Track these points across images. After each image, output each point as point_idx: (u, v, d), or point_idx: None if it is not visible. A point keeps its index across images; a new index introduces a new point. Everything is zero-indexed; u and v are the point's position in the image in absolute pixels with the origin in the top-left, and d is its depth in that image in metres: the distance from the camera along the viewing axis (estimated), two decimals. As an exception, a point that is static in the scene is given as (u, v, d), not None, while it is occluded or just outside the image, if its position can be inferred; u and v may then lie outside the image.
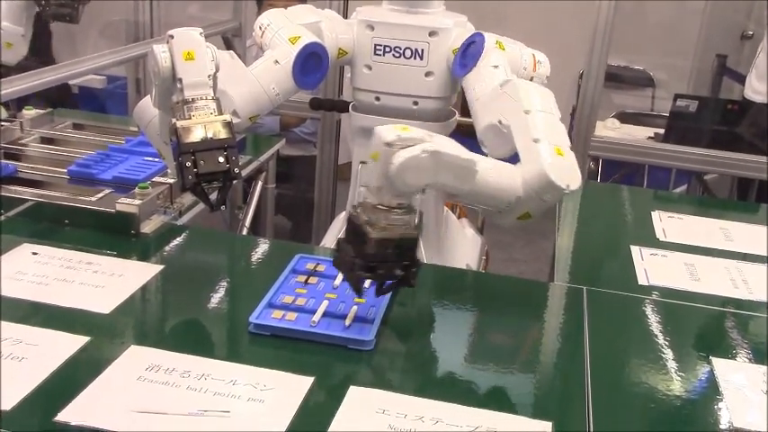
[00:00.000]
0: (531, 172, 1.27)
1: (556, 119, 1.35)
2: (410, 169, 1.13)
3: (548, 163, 1.26)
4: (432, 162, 1.15)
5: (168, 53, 1.27)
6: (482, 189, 1.26)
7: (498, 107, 1.36)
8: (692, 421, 1.12)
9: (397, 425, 1.02)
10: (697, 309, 1.45)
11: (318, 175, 3.00)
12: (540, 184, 1.26)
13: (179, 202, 1.71)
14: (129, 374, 1.10)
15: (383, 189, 1.16)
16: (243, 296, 1.40)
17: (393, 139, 1.14)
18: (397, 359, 1.23)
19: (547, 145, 1.29)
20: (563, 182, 1.25)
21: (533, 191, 1.27)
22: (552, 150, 1.28)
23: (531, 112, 1.31)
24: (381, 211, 1.16)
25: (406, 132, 1.15)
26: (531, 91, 1.36)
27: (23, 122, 2.06)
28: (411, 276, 1.18)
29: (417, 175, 1.14)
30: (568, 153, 1.30)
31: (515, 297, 1.48)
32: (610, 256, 1.71)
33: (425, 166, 1.14)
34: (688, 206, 2.15)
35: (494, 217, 1.36)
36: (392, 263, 1.16)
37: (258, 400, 1.05)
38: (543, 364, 1.24)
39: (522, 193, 1.27)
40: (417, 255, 1.18)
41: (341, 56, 1.58)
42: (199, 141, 1.23)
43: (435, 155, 1.15)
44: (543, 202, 1.29)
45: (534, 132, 1.29)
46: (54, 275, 1.36)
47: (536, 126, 1.30)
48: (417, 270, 1.19)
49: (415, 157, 1.13)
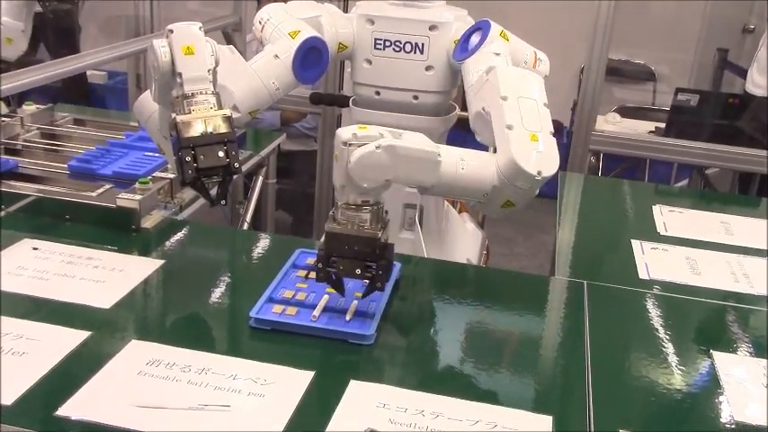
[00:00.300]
0: (503, 160, 1.25)
1: (537, 104, 1.31)
2: (366, 166, 1.15)
3: (517, 150, 1.24)
4: (387, 157, 1.16)
5: (168, 48, 1.27)
6: (453, 181, 1.25)
7: (482, 95, 1.35)
8: (692, 415, 1.12)
9: (397, 419, 1.03)
10: (698, 303, 1.45)
11: (319, 169, 3.00)
12: (511, 172, 1.24)
13: (179, 197, 1.71)
14: (129, 369, 1.10)
15: (346, 188, 1.18)
16: (243, 291, 1.40)
17: (348, 138, 1.16)
18: (398, 354, 1.23)
19: (520, 131, 1.26)
20: (533, 169, 1.23)
21: (506, 178, 1.25)
22: (525, 137, 1.26)
23: (507, 98, 1.29)
24: (345, 209, 1.19)
25: (362, 131, 1.17)
26: (511, 77, 1.33)
27: (24, 118, 2.06)
28: (377, 279, 1.20)
29: (375, 170, 1.16)
30: (546, 139, 1.27)
31: (516, 291, 1.48)
32: (610, 251, 1.71)
33: (382, 162, 1.16)
34: (689, 200, 2.15)
35: (478, 207, 1.36)
36: (350, 260, 1.19)
37: (259, 395, 1.06)
38: (544, 358, 1.24)
39: (498, 181, 1.26)
40: (382, 257, 1.19)
41: (341, 50, 1.58)
42: (199, 136, 1.23)
43: (390, 149, 1.16)
44: (519, 189, 1.27)
45: (508, 119, 1.27)
46: (55, 270, 1.36)
47: (510, 112, 1.27)
48: (385, 273, 1.20)
49: (369, 153, 1.15)
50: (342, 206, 1.19)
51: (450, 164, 1.24)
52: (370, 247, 1.18)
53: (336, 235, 1.19)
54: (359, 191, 1.18)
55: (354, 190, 1.18)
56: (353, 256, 1.19)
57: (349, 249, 1.18)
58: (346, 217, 1.19)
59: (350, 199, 1.18)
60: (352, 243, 1.18)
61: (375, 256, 1.19)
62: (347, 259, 1.19)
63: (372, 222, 1.19)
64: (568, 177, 2.21)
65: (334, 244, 1.19)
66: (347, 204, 1.19)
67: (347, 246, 1.18)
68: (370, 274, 1.20)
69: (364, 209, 1.19)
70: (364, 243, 1.18)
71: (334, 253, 1.19)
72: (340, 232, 1.18)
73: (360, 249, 1.18)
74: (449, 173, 1.24)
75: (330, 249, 1.19)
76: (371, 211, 1.19)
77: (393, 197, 1.65)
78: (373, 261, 1.19)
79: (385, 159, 1.16)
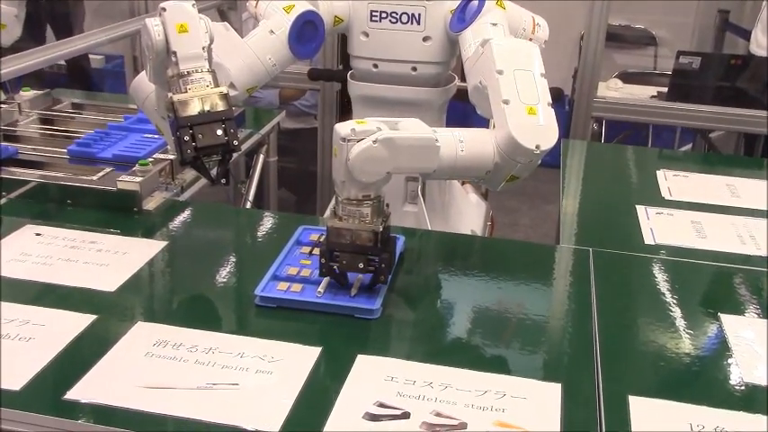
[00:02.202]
0: (501, 136, 1.24)
1: (533, 75, 1.29)
2: (366, 160, 1.15)
3: (514, 125, 1.23)
4: (385, 149, 1.15)
5: (161, 26, 1.25)
6: (454, 163, 1.24)
7: (479, 68, 1.33)
8: (702, 378, 1.11)
9: (405, 391, 1.02)
10: (704, 266, 1.44)
11: (320, 146, 2.99)
12: (510, 148, 1.23)
13: (180, 178, 1.70)
14: (136, 351, 1.10)
15: (347, 183, 1.17)
16: (248, 269, 1.39)
17: (347, 134, 1.15)
18: (404, 327, 1.23)
19: (516, 105, 1.25)
20: (531, 143, 1.22)
21: (506, 154, 1.24)
22: (522, 110, 1.24)
23: (503, 72, 1.27)
24: (346, 204, 1.19)
25: (360, 126, 1.16)
26: (506, 49, 1.31)
27: (21, 104, 2.05)
28: (381, 272, 1.20)
29: (374, 164, 1.16)
30: (544, 111, 1.25)
31: (521, 261, 1.47)
32: (615, 217, 1.70)
33: (380, 155, 1.15)
34: (693, 164, 2.13)
35: (481, 183, 1.35)
36: (353, 254, 1.19)
37: (266, 372, 1.05)
38: (551, 326, 1.24)
39: (499, 158, 1.25)
40: (383, 249, 1.19)
41: (337, 23, 1.56)
42: (196, 115, 1.22)
43: (387, 142, 1.15)
44: (520, 164, 1.26)
45: (504, 93, 1.25)
46: (58, 255, 1.36)
47: (507, 86, 1.26)
48: (387, 266, 1.20)
49: (367, 148, 1.14)
50: (343, 201, 1.19)
51: (450, 147, 1.23)
52: (372, 241, 1.18)
53: (338, 230, 1.18)
54: (360, 186, 1.17)
55: (355, 185, 1.17)
56: (356, 250, 1.19)
57: (351, 244, 1.18)
58: (347, 212, 1.19)
59: (351, 194, 1.18)
60: (354, 238, 1.18)
61: (377, 250, 1.19)
62: (350, 254, 1.19)
63: (374, 216, 1.19)
64: (571, 145, 2.20)
65: (336, 239, 1.19)
66: (348, 199, 1.19)
67: (349, 240, 1.18)
68: (372, 268, 1.20)
69: (365, 203, 1.18)
70: (366, 237, 1.18)
71: (337, 248, 1.19)
72: (342, 227, 1.18)
73: (362, 244, 1.18)
74: (449, 156, 1.23)
75: (332, 244, 1.19)
76: (372, 206, 1.19)
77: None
78: (375, 255, 1.19)
79: (384, 152, 1.15)
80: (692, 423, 0.99)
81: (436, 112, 1.64)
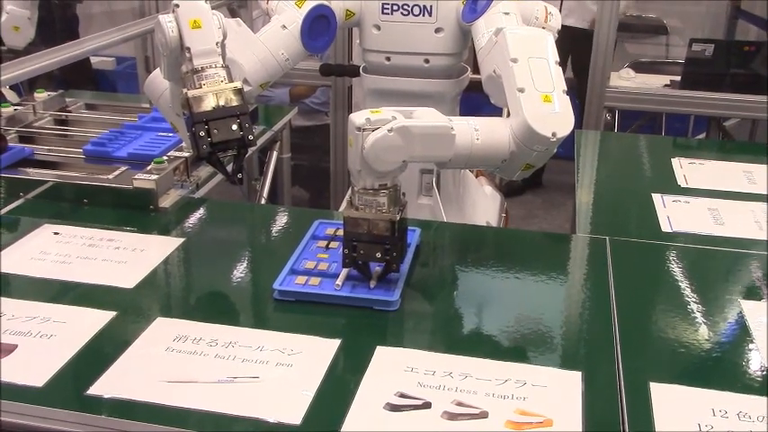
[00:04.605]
0: (516, 124, 1.24)
1: (548, 63, 1.28)
2: (381, 149, 1.15)
3: (530, 113, 1.22)
4: (401, 138, 1.15)
5: (175, 23, 1.26)
6: (470, 152, 1.24)
7: (492, 57, 1.33)
8: (723, 364, 1.11)
9: (425, 382, 1.02)
10: (723, 252, 1.43)
11: (333, 142, 2.99)
12: (526, 136, 1.23)
13: (195, 176, 1.71)
14: (157, 346, 1.10)
15: (362, 172, 1.17)
16: (265, 264, 1.40)
17: (362, 123, 1.15)
18: (423, 318, 1.23)
19: (531, 93, 1.24)
20: (547, 131, 1.21)
21: (522, 143, 1.24)
22: (537, 98, 1.24)
23: (518, 60, 1.26)
24: (362, 193, 1.19)
25: (375, 115, 1.16)
26: (520, 37, 1.30)
27: (36, 105, 2.06)
28: (393, 260, 1.20)
29: (390, 153, 1.16)
30: (559, 98, 1.25)
31: (538, 251, 1.47)
32: (631, 206, 1.69)
33: (396, 144, 1.15)
34: (708, 152, 2.12)
35: (498, 172, 1.34)
36: (369, 244, 1.19)
37: (287, 365, 1.06)
38: (570, 314, 1.23)
39: (515, 146, 1.25)
40: (398, 238, 1.19)
41: (348, 17, 1.56)
42: (211, 110, 1.22)
43: (402, 130, 1.15)
44: (536, 152, 1.25)
45: (519, 81, 1.25)
46: (77, 254, 1.37)
47: (521, 75, 1.25)
48: (399, 255, 1.21)
49: (382, 137, 1.14)
50: (359, 191, 1.19)
51: (465, 136, 1.23)
52: (390, 230, 1.18)
53: (355, 220, 1.19)
54: (376, 175, 1.17)
55: (371, 174, 1.17)
56: (373, 240, 1.19)
57: (368, 233, 1.18)
58: (364, 201, 1.19)
59: (367, 183, 1.18)
60: (372, 227, 1.18)
61: (394, 239, 1.19)
62: (367, 243, 1.19)
63: (390, 205, 1.19)
64: (584, 135, 2.19)
65: (353, 229, 1.19)
66: (364, 189, 1.19)
67: (366, 230, 1.18)
68: (389, 257, 1.20)
69: (381, 192, 1.18)
70: (383, 227, 1.18)
71: (354, 237, 1.19)
72: (358, 217, 1.18)
73: (379, 233, 1.18)
74: (464, 145, 1.23)
75: (349, 234, 1.19)
76: (388, 195, 1.19)
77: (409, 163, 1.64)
78: (393, 244, 1.19)
79: (399, 141, 1.15)
80: (714, 408, 0.98)
81: (449, 103, 1.64)
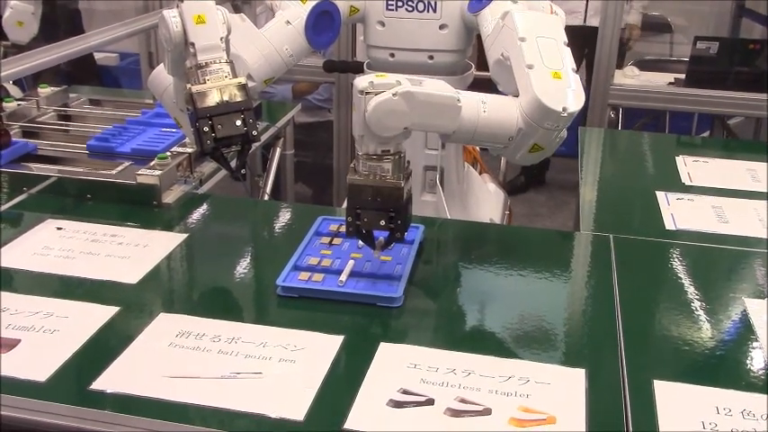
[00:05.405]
0: (526, 100, 1.22)
1: (557, 43, 1.27)
2: (384, 113, 1.13)
3: (540, 88, 1.20)
4: (405, 103, 1.14)
5: (179, 18, 1.25)
6: (475, 125, 1.22)
7: (500, 41, 1.32)
8: (727, 362, 1.10)
9: (429, 378, 1.02)
10: (727, 251, 1.43)
11: (336, 138, 2.99)
12: (536, 111, 1.21)
13: (199, 172, 1.70)
14: (160, 341, 1.10)
15: (365, 137, 1.16)
16: (268, 260, 1.40)
17: (365, 87, 1.14)
18: (426, 315, 1.23)
19: (541, 69, 1.22)
20: (558, 105, 1.19)
21: (532, 120, 1.22)
22: (547, 74, 1.22)
23: (526, 39, 1.25)
24: (366, 159, 1.17)
25: (379, 79, 1.15)
26: (528, 18, 1.30)
27: (39, 100, 2.06)
28: (397, 228, 1.18)
29: (392, 118, 1.14)
30: (569, 75, 1.23)
31: (542, 248, 1.47)
32: (635, 203, 1.69)
33: (399, 109, 1.14)
34: (712, 150, 2.11)
35: (505, 153, 1.32)
36: (374, 211, 1.17)
37: (290, 361, 1.06)
38: (573, 312, 1.23)
39: (523, 124, 1.23)
40: (404, 206, 1.18)
41: (353, 13, 1.56)
42: (215, 105, 1.22)
43: (407, 96, 1.14)
44: (546, 130, 1.23)
45: (528, 59, 1.23)
46: (80, 249, 1.37)
47: (530, 52, 1.24)
48: (405, 222, 1.18)
49: (386, 101, 1.13)
50: (362, 157, 1.17)
51: (472, 109, 1.21)
52: (394, 196, 1.16)
53: (359, 186, 1.17)
54: (378, 140, 1.16)
55: (373, 139, 1.16)
56: (377, 207, 1.17)
57: (372, 200, 1.16)
58: (368, 167, 1.17)
59: (369, 149, 1.16)
60: (375, 194, 1.16)
61: (399, 206, 1.17)
62: (371, 211, 1.17)
63: (394, 172, 1.17)
64: (588, 133, 2.18)
65: (357, 195, 1.17)
66: (368, 155, 1.17)
67: (370, 197, 1.16)
68: (394, 225, 1.18)
69: (385, 158, 1.16)
70: (387, 193, 1.16)
71: (358, 204, 1.17)
72: (362, 183, 1.16)
73: (383, 200, 1.16)
74: (470, 118, 1.21)
75: (353, 201, 1.17)
76: (393, 161, 1.17)
77: (413, 159, 1.63)
78: (398, 210, 1.17)
79: (402, 106, 1.14)
80: (718, 407, 0.98)
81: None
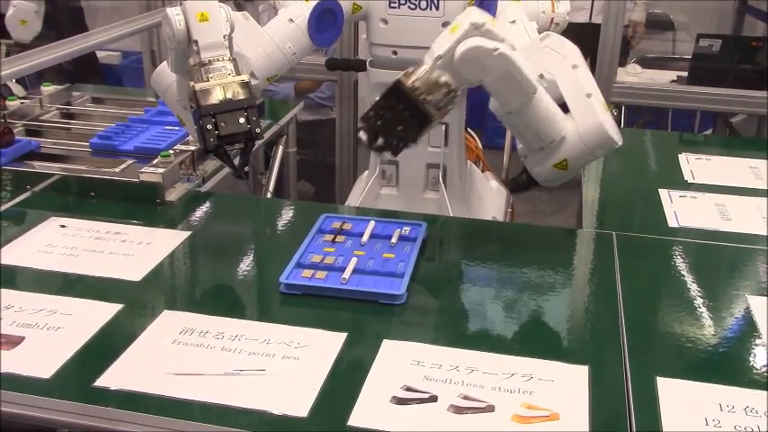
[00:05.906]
0: (588, 125, 1.28)
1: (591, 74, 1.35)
2: (474, 58, 1.15)
3: (606, 119, 1.28)
4: (496, 63, 1.16)
5: (182, 16, 1.25)
6: (532, 113, 1.26)
7: (540, 61, 1.34)
8: (730, 359, 1.10)
9: (432, 375, 1.02)
10: (730, 248, 1.43)
11: (338, 136, 2.98)
12: (596, 138, 1.28)
13: (202, 169, 1.71)
14: (163, 338, 1.10)
15: (442, 61, 1.17)
16: (271, 258, 1.40)
17: (480, 22, 1.15)
18: (429, 312, 1.23)
19: (599, 100, 1.30)
20: (618, 137, 1.29)
21: (584, 143, 1.28)
22: (602, 105, 1.30)
23: (578, 66, 1.31)
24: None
25: (493, 26, 1.16)
26: (573, 46, 1.35)
27: (42, 99, 2.07)
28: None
29: (477, 66, 1.16)
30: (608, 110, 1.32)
31: (545, 246, 1.47)
32: (638, 201, 1.69)
33: (489, 65, 1.15)
34: (715, 147, 2.11)
35: (531, 161, 1.35)
36: (397, 117, 1.18)
37: (293, 358, 1.06)
38: (576, 309, 1.23)
39: (570, 139, 1.28)
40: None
41: (355, 11, 1.56)
42: (218, 103, 1.22)
43: (502, 58, 1.15)
44: (592, 156, 1.31)
45: (586, 87, 1.30)
46: (83, 246, 1.37)
47: (586, 80, 1.31)
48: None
49: (485, 49, 1.14)
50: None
51: (542, 102, 1.26)
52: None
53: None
54: (452, 71, 1.16)
55: (449, 68, 1.16)
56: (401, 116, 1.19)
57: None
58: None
59: (435, 73, 1.17)
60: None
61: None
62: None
63: (442, 103, 1.19)
64: (591, 130, 2.18)
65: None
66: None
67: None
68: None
69: (445, 94, 1.18)
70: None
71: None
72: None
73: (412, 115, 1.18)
74: (532, 106, 1.25)
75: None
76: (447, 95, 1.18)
77: (416, 158, 1.64)
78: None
79: (493, 64, 1.16)
80: (721, 404, 0.98)
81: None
